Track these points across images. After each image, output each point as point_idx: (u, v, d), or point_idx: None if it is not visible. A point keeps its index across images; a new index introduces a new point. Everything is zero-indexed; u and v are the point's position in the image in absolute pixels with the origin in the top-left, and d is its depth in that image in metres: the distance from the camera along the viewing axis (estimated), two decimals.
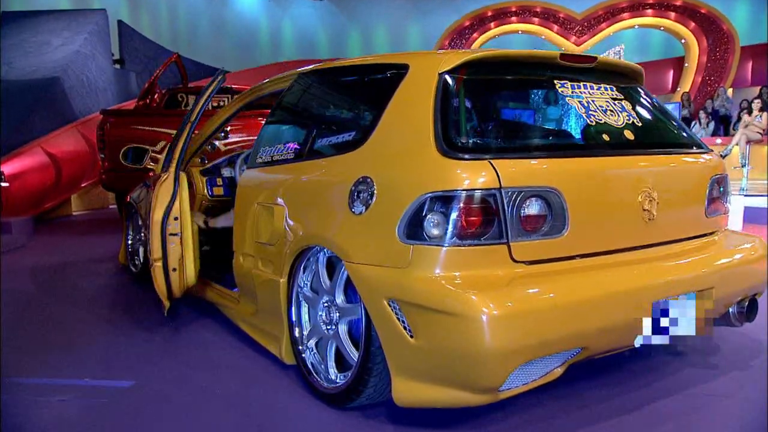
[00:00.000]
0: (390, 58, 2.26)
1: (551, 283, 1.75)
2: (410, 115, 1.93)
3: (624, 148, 2.05)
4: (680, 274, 1.98)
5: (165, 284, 2.89)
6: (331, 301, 2.11)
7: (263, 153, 2.62)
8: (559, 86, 2.08)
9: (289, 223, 2.25)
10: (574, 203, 1.83)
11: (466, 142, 1.83)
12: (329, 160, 2.19)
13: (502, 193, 1.71)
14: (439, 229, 1.71)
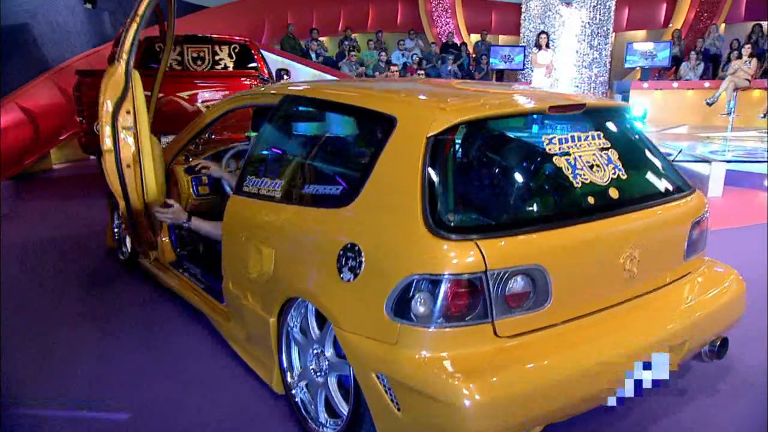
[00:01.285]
0: (379, 104, 2.19)
1: (533, 359, 1.81)
2: (398, 184, 1.91)
3: (609, 209, 2.06)
4: (655, 333, 2.05)
5: (119, 182, 2.87)
6: (320, 350, 2.17)
7: (250, 182, 2.57)
8: (547, 143, 2.06)
9: (278, 269, 2.27)
10: (558, 276, 1.87)
11: (453, 218, 1.83)
12: (317, 213, 2.18)
13: (487, 275, 1.75)
14: (426, 309, 1.75)
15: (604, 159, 2.16)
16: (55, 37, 8.41)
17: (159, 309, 3.45)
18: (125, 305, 3.56)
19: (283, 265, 2.26)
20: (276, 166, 2.60)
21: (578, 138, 2.16)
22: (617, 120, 2.44)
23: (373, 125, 2.16)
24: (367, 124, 2.23)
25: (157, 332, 3.19)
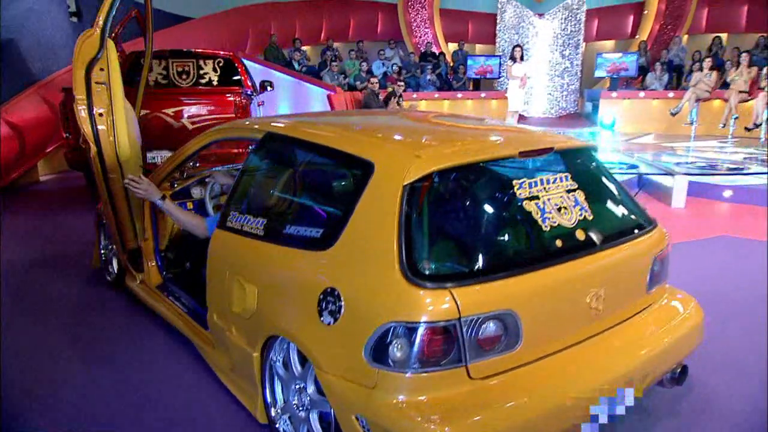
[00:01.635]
0: (357, 148, 2.19)
1: (506, 399, 1.84)
2: (376, 231, 1.92)
3: (575, 251, 2.08)
4: (619, 369, 2.08)
5: (91, 125, 3.09)
6: (302, 386, 2.17)
7: (234, 218, 2.55)
8: (517, 187, 2.09)
9: (261, 307, 2.27)
10: (528, 319, 1.90)
11: (428, 266, 1.84)
12: (299, 254, 2.16)
13: (461, 322, 1.78)
14: (403, 355, 1.77)
15: (571, 201, 2.19)
16: (41, 51, 8.28)
17: (146, 334, 3.40)
18: (112, 330, 3.50)
19: (265, 304, 2.26)
20: (259, 204, 2.58)
21: (547, 181, 2.19)
22: (584, 160, 2.47)
23: (352, 169, 2.16)
24: (346, 168, 2.22)
25: (143, 359, 3.13)
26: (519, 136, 2.41)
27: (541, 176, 2.19)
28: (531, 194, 2.11)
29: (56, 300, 3.98)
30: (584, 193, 2.27)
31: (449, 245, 1.96)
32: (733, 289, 4.16)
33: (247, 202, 2.61)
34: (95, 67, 3.05)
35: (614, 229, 2.34)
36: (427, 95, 12.92)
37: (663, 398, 2.70)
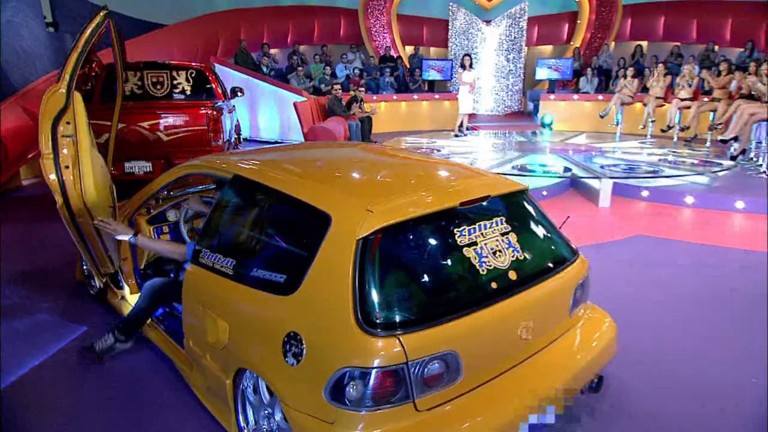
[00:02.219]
0: (316, 199, 2.20)
1: (449, 426, 1.91)
2: (333, 282, 1.95)
3: (509, 290, 2.15)
4: (545, 390, 2.17)
5: (57, 179, 2.95)
6: (271, 413, 2.21)
7: (205, 255, 2.53)
8: (458, 236, 2.15)
9: (231, 341, 2.28)
10: (467, 356, 1.97)
11: (380, 316, 1.88)
12: (265, 298, 2.17)
13: (408, 365, 1.84)
14: (358, 395, 1.83)
15: (504, 244, 2.27)
16: (20, 62, 7.90)
17: (128, 353, 3.24)
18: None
19: (236, 339, 2.27)
20: (228, 244, 2.55)
21: (484, 226, 2.25)
22: (516, 202, 2.53)
23: (312, 219, 2.15)
24: (307, 217, 2.21)
25: (127, 379, 3.05)
26: (459, 184, 2.42)
27: (479, 222, 2.25)
28: (470, 241, 2.17)
29: (40, 313, 3.85)
30: (516, 234, 2.35)
31: (398, 294, 2.00)
32: (646, 286, 4.33)
33: (218, 240, 2.58)
34: (62, 121, 2.91)
35: (542, 264, 2.42)
36: (386, 97, 12.86)
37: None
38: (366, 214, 2.03)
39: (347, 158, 3.00)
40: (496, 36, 15.74)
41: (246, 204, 2.58)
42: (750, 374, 3.08)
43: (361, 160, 2.96)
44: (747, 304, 4.02)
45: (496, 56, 15.89)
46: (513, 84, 16.00)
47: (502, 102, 16.15)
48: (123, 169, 6.19)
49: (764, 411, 2.71)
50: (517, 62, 15.77)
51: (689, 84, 9.94)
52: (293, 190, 2.33)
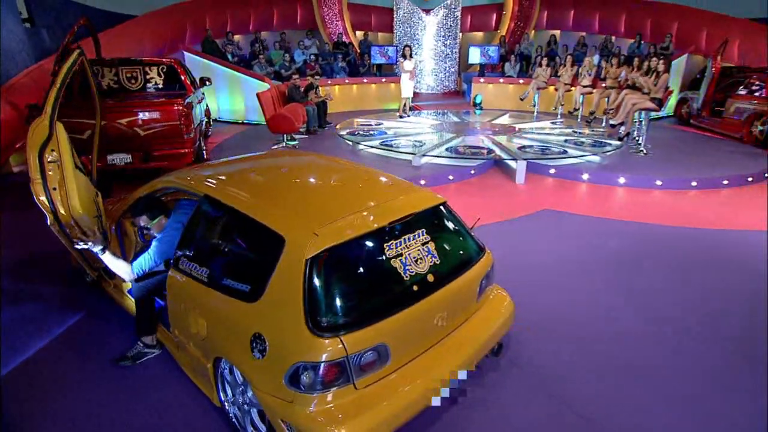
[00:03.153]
0: (273, 222, 2.33)
1: (383, 398, 2.15)
2: (288, 293, 2.12)
3: (427, 291, 2.36)
4: (458, 361, 2.44)
5: (47, 200, 2.98)
6: (244, 390, 2.41)
7: (184, 263, 2.64)
8: (387, 250, 2.35)
9: (209, 335, 2.44)
10: (395, 345, 2.21)
11: (325, 321, 2.09)
12: (235, 303, 2.31)
13: (348, 358, 2.07)
14: (310, 381, 2.05)
15: (424, 252, 2.48)
16: (1, 59, 7.37)
17: (128, 336, 3.32)
18: (92, 335, 3.42)
19: (213, 334, 2.43)
20: (202, 255, 2.61)
21: (408, 239, 2.45)
22: (436, 214, 2.71)
23: (271, 240, 2.28)
24: (267, 237, 2.32)
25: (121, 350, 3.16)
26: (389, 204, 2.55)
27: (404, 236, 2.44)
28: (397, 253, 2.38)
29: (40, 298, 3.86)
30: (434, 243, 2.56)
31: (340, 302, 2.17)
32: (547, 255, 4.63)
33: (193, 250, 2.65)
34: (47, 149, 2.89)
35: (455, 264, 2.63)
36: (339, 81, 12.69)
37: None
38: (313, 237, 2.19)
39: (300, 177, 3.07)
40: (435, 24, 15.60)
41: (216, 221, 2.65)
42: (616, 331, 3.47)
43: (311, 177, 3.06)
44: (624, 267, 4.40)
45: (434, 42, 15.79)
46: (450, 66, 16.02)
47: (441, 82, 16.19)
48: (106, 161, 6.03)
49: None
50: (453, 47, 15.75)
51: (589, 73, 10.29)
52: (256, 214, 2.43)
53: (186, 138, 6.28)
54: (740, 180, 6.85)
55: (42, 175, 2.88)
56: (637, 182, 6.78)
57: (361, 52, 14.35)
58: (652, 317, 3.63)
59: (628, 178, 6.82)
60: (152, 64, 7.60)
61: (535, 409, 2.72)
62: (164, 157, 6.22)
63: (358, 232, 2.30)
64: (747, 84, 9.49)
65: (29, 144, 2.86)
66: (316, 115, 9.66)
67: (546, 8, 15.32)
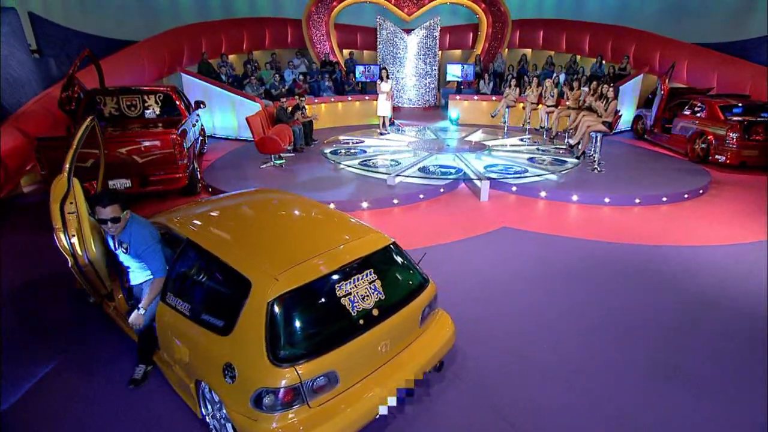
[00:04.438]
0: (242, 266, 2.61)
1: (332, 415, 2.45)
2: (253, 330, 2.42)
3: (372, 324, 2.65)
4: (399, 379, 2.72)
5: (68, 246, 3.29)
6: (219, 407, 2.70)
7: (170, 297, 2.91)
8: (338, 290, 2.65)
9: (191, 362, 2.73)
10: (344, 370, 2.52)
11: (283, 354, 2.38)
12: (211, 336, 2.58)
13: (302, 384, 2.38)
14: (271, 403, 2.36)
15: (371, 290, 2.78)
16: (11, 89, 7.58)
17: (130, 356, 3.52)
18: (94, 353, 3.63)
19: (194, 361, 2.72)
20: (185, 292, 2.87)
21: (357, 279, 2.75)
22: (384, 255, 2.98)
23: (241, 282, 2.56)
24: (238, 280, 2.58)
25: (127, 373, 3.37)
26: (343, 248, 2.83)
27: (354, 276, 2.74)
28: (346, 292, 2.68)
29: (45, 318, 4.07)
30: (381, 281, 2.85)
31: (295, 337, 2.46)
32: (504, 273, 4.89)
33: (179, 287, 2.93)
34: (66, 202, 3.17)
35: (399, 299, 2.89)
36: (326, 99, 12.95)
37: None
38: (274, 281, 2.50)
39: (269, 220, 3.30)
40: (415, 43, 15.89)
41: (198, 262, 2.92)
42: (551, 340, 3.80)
43: (279, 220, 3.31)
44: (566, 281, 4.72)
45: (416, 60, 16.08)
46: (430, 83, 16.31)
47: (421, 97, 16.48)
48: (107, 186, 6.28)
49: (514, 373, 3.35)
50: (432, 65, 16.03)
51: (552, 95, 10.65)
52: (229, 259, 2.72)
53: (180, 164, 6.54)
54: (678, 197, 7.24)
55: (63, 224, 3.13)
56: (588, 199, 7.14)
57: (347, 70, 14.61)
58: (584, 327, 3.97)
59: (581, 195, 7.17)
60: (150, 92, 7.85)
61: (471, 417, 3.03)
62: (160, 182, 6.49)
63: (313, 276, 2.60)
64: (691, 105, 9.90)
65: (52, 197, 3.13)
66: (302, 134, 9.94)
67: (518, 28, 15.67)
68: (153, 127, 7.09)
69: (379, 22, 15.67)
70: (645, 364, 3.54)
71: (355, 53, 15.91)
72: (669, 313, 4.22)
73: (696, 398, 3.20)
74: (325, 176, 7.93)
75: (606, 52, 13.76)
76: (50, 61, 8.88)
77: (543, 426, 2.95)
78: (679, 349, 3.74)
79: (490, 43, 15.79)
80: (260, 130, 8.66)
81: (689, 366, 3.52)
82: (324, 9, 15.29)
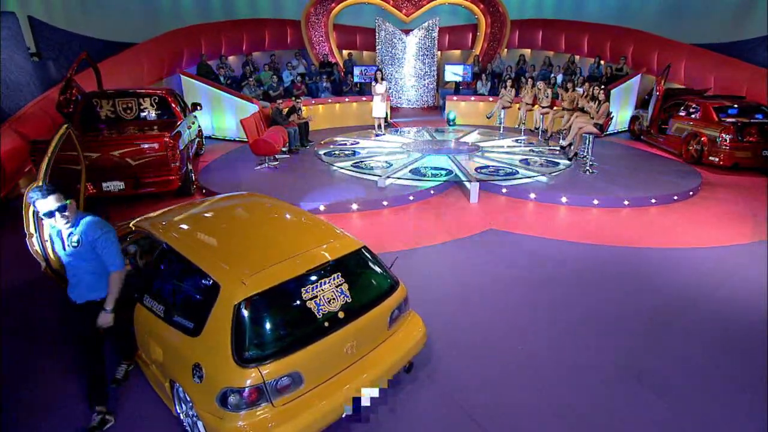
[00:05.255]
0: (213, 270, 2.72)
1: (297, 414, 2.55)
2: (220, 332, 2.53)
3: (337, 326, 2.74)
4: (365, 380, 2.80)
5: (41, 250, 3.24)
6: (192, 406, 2.82)
7: (146, 299, 3.03)
8: (304, 293, 2.75)
9: (164, 362, 2.85)
10: (308, 371, 2.62)
11: (247, 355, 2.49)
12: (182, 337, 2.70)
13: (265, 384, 2.48)
14: (236, 402, 2.46)
15: (338, 293, 2.88)
16: (9, 92, 7.74)
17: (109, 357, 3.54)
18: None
19: (167, 360, 2.84)
20: (161, 294, 2.99)
21: (323, 282, 2.84)
22: (354, 260, 3.07)
23: (211, 285, 2.68)
24: (208, 283, 2.69)
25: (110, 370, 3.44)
26: (311, 252, 2.92)
27: (321, 280, 2.84)
28: (312, 295, 2.77)
29: (38, 318, 4.22)
30: (349, 284, 2.95)
31: (260, 339, 2.57)
32: (485, 275, 4.95)
33: (155, 289, 3.04)
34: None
35: (366, 302, 2.97)
36: (323, 101, 13.05)
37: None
38: (242, 285, 2.61)
39: (243, 225, 3.39)
40: (414, 44, 15.94)
41: (172, 265, 3.04)
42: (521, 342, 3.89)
43: (253, 225, 3.40)
44: (546, 284, 4.77)
45: (414, 60, 16.13)
46: (428, 83, 16.36)
47: (420, 97, 16.53)
48: (101, 188, 6.43)
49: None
50: (431, 66, 16.08)
51: (546, 96, 10.69)
52: (201, 262, 2.83)
53: (172, 166, 6.67)
54: (667, 198, 7.27)
55: (36, 230, 3.22)
56: (576, 201, 7.19)
57: (346, 71, 14.70)
58: (559, 329, 4.04)
59: (570, 197, 7.22)
60: (146, 95, 7.99)
61: (440, 418, 3.11)
62: (153, 184, 6.62)
63: (280, 280, 2.70)
64: (686, 106, 9.90)
65: (25, 204, 3.18)
66: (297, 135, 10.05)
67: (517, 28, 15.70)
68: (148, 129, 7.22)
69: (378, 23, 15.74)
70: (616, 366, 3.61)
71: (355, 54, 16.00)
72: (642, 316, 4.28)
73: (661, 399, 3.27)
74: (318, 178, 8.04)
75: (605, 52, 13.76)
76: (49, 64, 9.05)
77: (512, 428, 3.03)
78: (649, 349, 3.81)
79: (488, 43, 15.82)
80: (255, 132, 8.79)
81: (655, 368, 3.59)
82: (323, 10, 15.40)
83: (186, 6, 14.18)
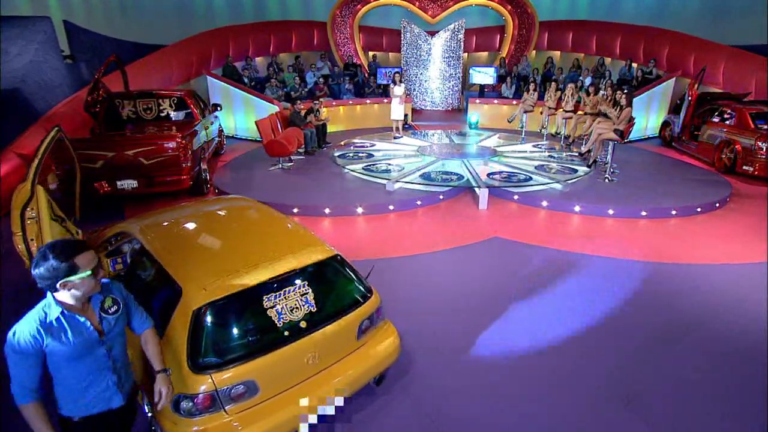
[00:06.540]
0: (178, 274, 2.74)
1: (251, 423, 2.53)
2: (177, 339, 2.54)
3: (298, 336, 2.70)
4: (327, 391, 2.76)
5: (26, 250, 3.36)
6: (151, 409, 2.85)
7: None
8: (265, 301, 2.73)
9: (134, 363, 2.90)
10: (263, 380, 2.60)
11: (202, 362, 2.50)
12: None
13: (217, 391, 2.48)
14: (189, 408, 2.48)
15: (302, 302, 2.85)
16: (42, 92, 8.16)
17: None
18: None
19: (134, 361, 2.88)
20: (136, 290, 2.98)
21: (287, 291, 2.81)
22: (324, 268, 3.03)
23: (175, 288, 2.70)
24: (173, 286, 2.71)
25: None
26: (278, 261, 2.88)
27: (284, 288, 2.82)
28: (273, 304, 2.74)
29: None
30: (315, 293, 2.91)
31: (216, 346, 2.57)
32: (481, 284, 4.83)
33: (132, 287, 3.08)
34: (28, 208, 3.36)
35: (334, 311, 2.91)
36: (344, 102, 13.11)
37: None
38: (202, 291, 2.62)
39: (218, 230, 3.37)
40: (440, 46, 15.78)
41: (146, 267, 3.10)
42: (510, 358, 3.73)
43: (228, 230, 3.38)
44: (547, 297, 4.59)
45: (440, 62, 15.97)
46: (453, 86, 16.17)
47: (445, 99, 16.35)
48: (116, 187, 6.68)
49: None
50: (456, 68, 15.88)
51: (572, 100, 10.32)
52: (170, 266, 2.86)
53: (184, 166, 6.85)
54: (689, 210, 6.87)
55: (22, 229, 3.36)
56: (590, 210, 6.90)
57: (370, 72, 14.72)
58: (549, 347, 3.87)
59: (583, 206, 6.94)
60: (165, 96, 8.25)
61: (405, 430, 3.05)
62: (165, 183, 6.82)
63: (241, 287, 2.69)
64: (720, 112, 9.33)
65: (13, 204, 3.32)
66: (314, 136, 10.13)
67: (546, 30, 15.27)
68: (166, 129, 7.45)
69: (404, 25, 15.67)
70: (607, 386, 3.42)
71: (381, 55, 16.00)
72: (640, 336, 4.05)
73: (649, 424, 3.07)
74: (328, 180, 8.06)
75: (637, 54, 13.17)
76: (81, 65, 9.49)
77: None
78: (643, 370, 3.59)
79: (516, 45, 15.46)
80: (269, 133, 8.91)
81: (647, 391, 3.38)
82: (348, 12, 15.47)
83: (218, 8, 14.57)
